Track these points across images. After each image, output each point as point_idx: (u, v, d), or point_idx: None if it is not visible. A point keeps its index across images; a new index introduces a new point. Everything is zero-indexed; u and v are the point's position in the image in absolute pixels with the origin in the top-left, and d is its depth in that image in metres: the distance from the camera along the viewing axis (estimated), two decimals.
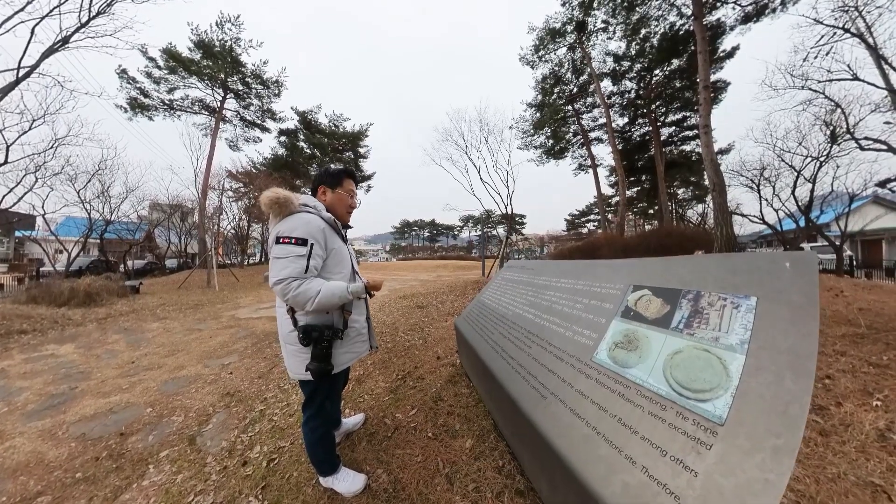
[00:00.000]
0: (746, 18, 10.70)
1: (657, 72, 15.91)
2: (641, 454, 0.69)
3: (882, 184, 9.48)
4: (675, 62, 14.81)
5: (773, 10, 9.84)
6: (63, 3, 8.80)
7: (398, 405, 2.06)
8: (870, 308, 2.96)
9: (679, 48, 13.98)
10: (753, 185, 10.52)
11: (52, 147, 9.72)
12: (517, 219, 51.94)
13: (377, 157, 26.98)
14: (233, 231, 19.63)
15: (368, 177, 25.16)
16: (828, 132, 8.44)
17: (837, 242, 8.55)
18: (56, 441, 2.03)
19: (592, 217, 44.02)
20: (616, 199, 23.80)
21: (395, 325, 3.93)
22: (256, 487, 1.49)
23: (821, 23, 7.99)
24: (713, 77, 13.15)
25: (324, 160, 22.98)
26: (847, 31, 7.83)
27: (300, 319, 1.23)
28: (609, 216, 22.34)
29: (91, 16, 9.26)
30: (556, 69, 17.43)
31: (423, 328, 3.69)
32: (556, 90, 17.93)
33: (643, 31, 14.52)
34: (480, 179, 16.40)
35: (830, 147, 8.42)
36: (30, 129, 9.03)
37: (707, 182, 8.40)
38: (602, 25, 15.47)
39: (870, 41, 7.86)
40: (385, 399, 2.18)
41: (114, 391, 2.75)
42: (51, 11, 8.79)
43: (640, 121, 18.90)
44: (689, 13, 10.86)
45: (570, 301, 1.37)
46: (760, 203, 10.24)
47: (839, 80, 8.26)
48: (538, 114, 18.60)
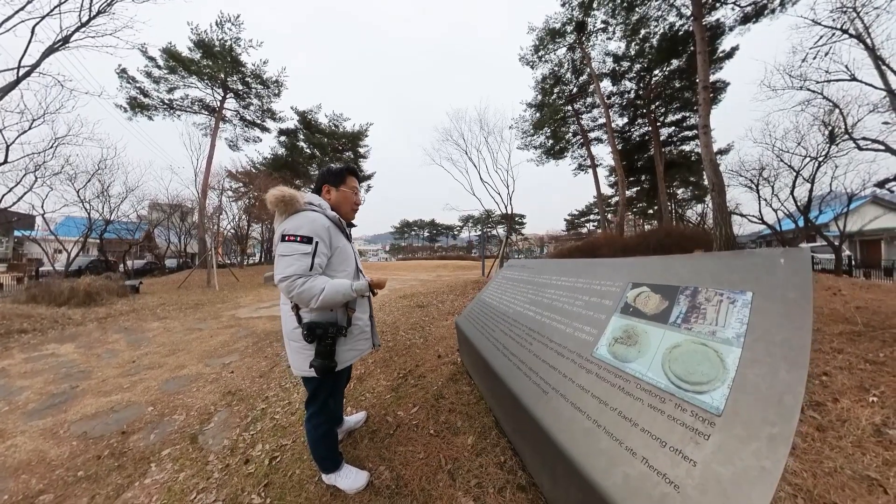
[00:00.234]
0: (745, 19, 10.75)
1: (657, 72, 15.95)
2: (642, 446, 0.71)
3: (881, 184, 9.49)
4: (675, 62, 14.85)
5: (772, 11, 9.89)
6: (63, 3, 8.82)
7: (400, 403, 2.07)
8: (867, 306, 2.97)
9: (678, 48, 14.02)
10: (752, 185, 10.52)
11: (52, 146, 9.72)
12: (517, 219, 51.98)
13: (377, 157, 27.06)
14: (232, 231, 19.63)
15: (368, 177, 25.18)
16: (826, 132, 8.46)
17: (836, 242, 8.56)
18: (57, 440, 2.03)
19: (592, 217, 44.12)
20: (616, 199, 23.86)
21: (396, 325, 3.94)
22: (259, 485, 1.50)
23: (819, 24, 8.02)
24: (712, 77, 13.21)
25: (324, 160, 23.00)
26: (845, 32, 7.86)
27: (304, 316, 1.24)
28: (609, 216, 22.37)
29: (91, 15, 9.28)
30: (556, 69, 17.47)
31: (424, 327, 3.70)
32: (556, 90, 17.95)
33: (643, 32, 14.56)
34: (480, 179, 16.47)
35: (829, 147, 8.43)
36: (30, 129, 9.04)
37: (706, 182, 8.43)
38: (602, 26, 15.52)
39: (868, 42, 7.88)
40: (387, 397, 2.19)
41: (115, 390, 2.75)
42: (51, 11, 8.82)
43: (640, 121, 18.94)
44: (689, 14, 10.88)
45: (571, 298, 1.38)
46: (759, 203, 10.25)
47: (837, 81, 8.29)
48: (538, 114, 18.62)
